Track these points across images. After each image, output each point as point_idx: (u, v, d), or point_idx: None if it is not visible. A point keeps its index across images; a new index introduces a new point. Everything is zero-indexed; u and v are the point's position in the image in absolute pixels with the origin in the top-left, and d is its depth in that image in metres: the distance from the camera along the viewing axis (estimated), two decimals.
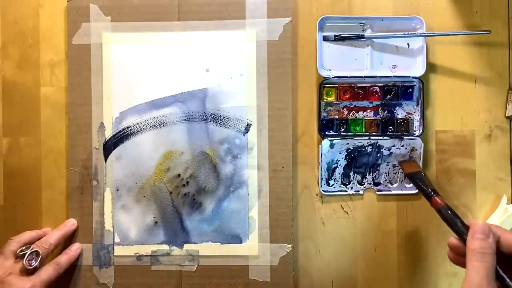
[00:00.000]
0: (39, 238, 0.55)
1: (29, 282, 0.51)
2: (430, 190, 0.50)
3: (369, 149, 0.57)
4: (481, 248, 0.37)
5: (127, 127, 0.58)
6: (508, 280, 0.36)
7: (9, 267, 0.52)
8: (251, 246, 0.57)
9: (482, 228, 0.38)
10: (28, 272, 0.52)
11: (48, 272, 0.52)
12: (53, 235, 0.55)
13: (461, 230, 0.43)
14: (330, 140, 0.57)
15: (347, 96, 0.57)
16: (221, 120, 0.57)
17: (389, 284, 0.57)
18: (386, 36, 0.57)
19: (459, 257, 0.41)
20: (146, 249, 0.57)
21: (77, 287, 0.57)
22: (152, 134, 0.57)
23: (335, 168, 0.57)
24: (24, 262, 0.51)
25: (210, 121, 0.57)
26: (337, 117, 0.57)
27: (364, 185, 0.57)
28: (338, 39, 0.57)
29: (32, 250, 0.52)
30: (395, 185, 0.57)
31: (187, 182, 0.57)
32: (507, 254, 0.37)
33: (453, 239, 0.42)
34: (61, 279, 0.54)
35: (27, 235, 0.55)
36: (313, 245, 0.58)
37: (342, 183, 0.58)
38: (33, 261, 0.52)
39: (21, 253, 0.52)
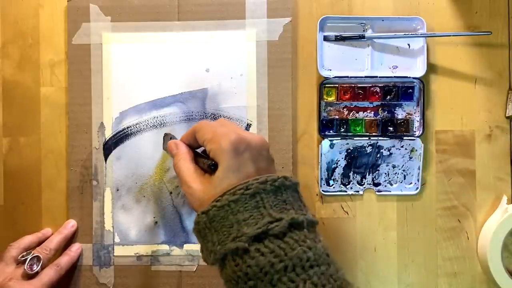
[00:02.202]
0: (39, 242, 0.55)
1: (31, 286, 0.51)
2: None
3: (369, 149, 0.57)
4: (175, 158, 0.46)
5: (127, 127, 0.58)
6: (201, 160, 0.44)
7: (10, 272, 0.52)
8: None
9: (172, 144, 0.48)
10: (29, 276, 0.52)
11: (49, 274, 0.52)
12: (54, 239, 0.55)
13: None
14: (330, 140, 0.57)
15: (347, 96, 0.57)
16: None
17: (389, 284, 0.57)
18: (387, 36, 0.57)
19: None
20: (146, 249, 0.57)
21: (77, 287, 0.57)
22: (152, 134, 0.57)
23: (335, 168, 0.57)
24: (25, 268, 0.51)
25: (210, 121, 0.57)
26: (337, 117, 0.57)
27: (364, 185, 0.58)
28: (339, 39, 0.57)
29: (33, 255, 0.52)
30: (395, 185, 0.57)
31: None
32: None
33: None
34: (62, 279, 0.54)
35: (27, 240, 0.55)
36: None
37: (342, 183, 0.58)
38: (35, 266, 0.52)
39: (22, 258, 0.52)
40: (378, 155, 0.57)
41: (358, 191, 0.58)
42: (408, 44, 0.57)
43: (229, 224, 0.37)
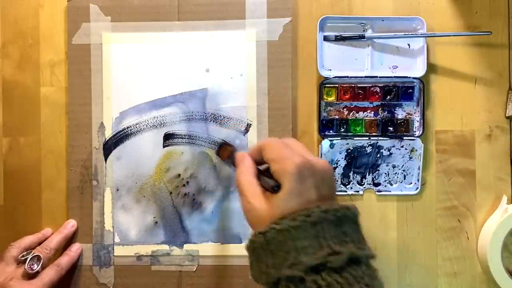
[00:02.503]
0: (39, 242, 0.55)
1: (32, 286, 0.51)
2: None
3: (369, 149, 0.57)
4: (239, 172, 0.44)
5: (127, 127, 0.58)
6: (264, 178, 0.42)
7: (11, 272, 0.52)
8: None
9: (237, 156, 0.46)
10: (30, 276, 0.52)
11: (50, 274, 0.52)
12: (54, 239, 0.55)
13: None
14: (330, 140, 0.57)
15: (347, 96, 0.57)
16: (221, 120, 0.57)
17: (389, 284, 0.57)
18: (387, 36, 0.57)
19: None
20: (146, 249, 0.57)
21: (77, 287, 0.57)
22: (152, 134, 0.57)
23: (335, 168, 0.57)
24: (26, 267, 0.51)
25: (210, 121, 0.57)
26: (337, 117, 0.57)
27: (364, 186, 0.58)
28: (339, 39, 0.57)
29: (33, 255, 0.52)
30: (394, 185, 0.57)
31: (187, 182, 0.57)
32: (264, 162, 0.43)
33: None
34: (62, 279, 0.54)
35: (27, 239, 0.55)
36: None
37: (341, 183, 0.58)
38: (35, 265, 0.52)
39: (23, 258, 0.52)
40: (378, 155, 0.57)
41: (358, 191, 0.58)
42: (408, 44, 0.57)
43: (286, 250, 0.36)
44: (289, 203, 0.38)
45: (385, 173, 0.57)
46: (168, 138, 0.57)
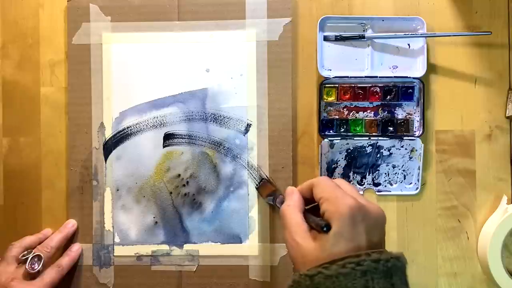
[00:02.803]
0: (39, 242, 0.55)
1: (33, 286, 0.51)
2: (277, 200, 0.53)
3: (369, 149, 0.57)
4: (286, 205, 0.44)
5: (127, 127, 0.58)
6: (312, 216, 0.41)
7: (12, 272, 0.52)
8: (251, 246, 0.57)
9: (288, 190, 0.46)
10: (31, 276, 0.52)
11: (51, 275, 0.52)
12: (54, 238, 0.55)
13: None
14: (330, 140, 0.57)
15: (347, 96, 0.57)
16: (221, 120, 0.57)
17: None
18: (387, 36, 0.57)
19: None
20: (146, 249, 0.57)
21: (77, 287, 0.57)
22: (152, 134, 0.57)
23: (335, 168, 0.57)
24: (26, 267, 0.51)
25: (210, 121, 0.57)
26: (337, 117, 0.57)
27: (364, 186, 0.58)
28: (339, 39, 0.57)
29: (34, 254, 0.52)
30: (394, 185, 0.57)
31: (187, 182, 0.57)
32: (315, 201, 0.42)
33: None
34: (62, 280, 0.54)
35: (28, 239, 0.55)
36: None
37: None
38: (36, 265, 0.52)
39: (23, 257, 0.53)
40: (378, 155, 0.57)
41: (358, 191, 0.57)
42: (408, 44, 0.57)
43: None
44: (337, 246, 0.37)
45: (385, 173, 0.57)
46: (168, 138, 0.57)
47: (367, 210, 0.39)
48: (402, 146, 0.57)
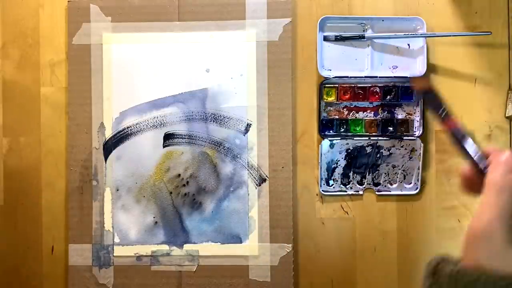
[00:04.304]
0: None
1: None
2: (441, 111, 0.42)
3: (369, 149, 0.57)
4: (502, 182, 0.32)
5: (127, 127, 0.58)
6: None
7: None
8: (251, 246, 0.57)
9: (507, 160, 0.33)
10: None
11: None
12: None
13: (479, 158, 0.36)
14: (330, 140, 0.57)
15: (347, 96, 0.57)
16: (221, 120, 0.57)
17: (389, 284, 0.57)
18: (387, 36, 0.57)
19: (473, 186, 0.37)
20: (146, 249, 0.57)
21: None
22: (152, 134, 0.57)
23: (335, 168, 0.57)
24: None
25: (210, 121, 0.57)
26: (337, 117, 0.57)
27: (364, 185, 0.57)
28: (339, 39, 0.57)
29: None
30: (394, 185, 0.57)
31: (187, 182, 0.57)
32: None
33: (467, 168, 0.37)
34: (61, 279, 0.54)
35: None
36: (313, 245, 0.58)
37: (341, 183, 0.58)
38: None
39: None
40: (378, 155, 0.57)
41: (358, 191, 0.57)
42: (408, 44, 0.57)
43: None
44: None
45: (385, 173, 0.57)
46: (168, 138, 0.57)
47: None
48: (402, 146, 0.57)
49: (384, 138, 0.57)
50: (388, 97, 0.57)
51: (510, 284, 0.29)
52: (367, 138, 0.57)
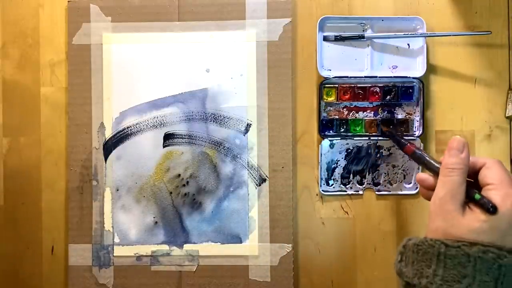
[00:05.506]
0: None
1: None
2: (401, 143, 0.51)
3: (369, 149, 0.57)
4: (451, 164, 0.39)
5: (127, 127, 0.58)
6: (477, 192, 0.38)
7: None
8: (251, 246, 0.57)
9: (457, 143, 0.39)
10: None
11: None
12: None
13: (433, 164, 0.43)
14: (330, 140, 0.57)
15: (347, 96, 0.57)
16: (221, 120, 0.57)
17: (389, 284, 0.57)
18: (387, 36, 0.57)
19: (430, 192, 0.42)
20: (146, 249, 0.57)
21: None
22: (152, 134, 0.58)
23: (335, 168, 0.57)
24: None
25: (210, 121, 0.57)
26: (337, 117, 0.57)
27: (364, 185, 0.58)
28: (339, 39, 0.57)
29: None
30: (394, 185, 0.57)
31: (187, 182, 0.57)
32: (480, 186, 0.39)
33: (421, 173, 0.44)
34: (61, 280, 0.54)
35: None
36: (313, 245, 0.58)
37: (341, 183, 0.58)
38: None
39: None
40: (378, 155, 0.57)
41: (358, 191, 0.57)
42: (408, 44, 0.57)
43: (464, 274, 0.35)
44: (487, 234, 0.36)
45: (385, 173, 0.57)
46: (168, 138, 0.57)
47: None
48: None
49: (384, 138, 0.57)
50: (388, 97, 0.57)
51: (461, 243, 0.35)
52: (367, 138, 0.57)
